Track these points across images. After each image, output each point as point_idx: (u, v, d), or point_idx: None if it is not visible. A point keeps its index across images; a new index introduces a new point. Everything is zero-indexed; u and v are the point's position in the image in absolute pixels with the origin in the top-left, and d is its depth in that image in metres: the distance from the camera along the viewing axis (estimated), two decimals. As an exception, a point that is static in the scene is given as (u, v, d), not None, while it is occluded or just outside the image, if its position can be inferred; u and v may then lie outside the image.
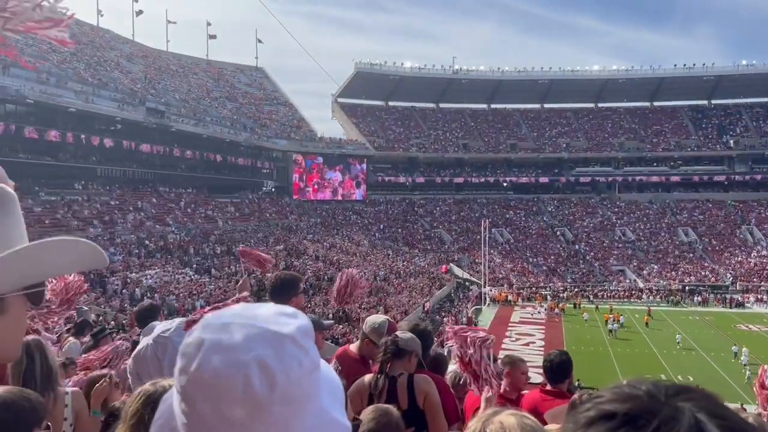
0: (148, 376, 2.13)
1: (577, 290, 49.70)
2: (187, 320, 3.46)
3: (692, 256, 58.23)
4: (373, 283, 36.07)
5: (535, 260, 58.09)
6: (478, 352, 2.67)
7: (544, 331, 34.77)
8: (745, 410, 4.94)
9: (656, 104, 79.01)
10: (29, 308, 1.01)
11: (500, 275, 52.92)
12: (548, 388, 3.78)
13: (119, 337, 5.76)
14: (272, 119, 66.24)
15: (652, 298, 48.88)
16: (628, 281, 54.09)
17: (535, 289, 50.23)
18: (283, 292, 3.64)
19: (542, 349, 27.15)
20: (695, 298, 48.11)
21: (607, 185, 70.55)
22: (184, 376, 0.69)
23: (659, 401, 0.55)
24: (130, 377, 3.70)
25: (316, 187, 64.53)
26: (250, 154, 58.18)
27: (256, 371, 0.66)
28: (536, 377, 5.45)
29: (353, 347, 3.86)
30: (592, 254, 59.50)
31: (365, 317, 4.04)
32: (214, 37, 73.02)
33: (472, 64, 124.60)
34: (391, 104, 79.47)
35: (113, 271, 27.28)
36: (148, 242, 34.16)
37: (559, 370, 3.79)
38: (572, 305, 44.38)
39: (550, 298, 46.31)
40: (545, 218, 66.59)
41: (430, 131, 75.57)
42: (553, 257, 59.04)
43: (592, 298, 47.78)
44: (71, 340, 6.01)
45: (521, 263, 56.93)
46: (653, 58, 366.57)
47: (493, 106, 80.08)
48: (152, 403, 1.48)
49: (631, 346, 32.65)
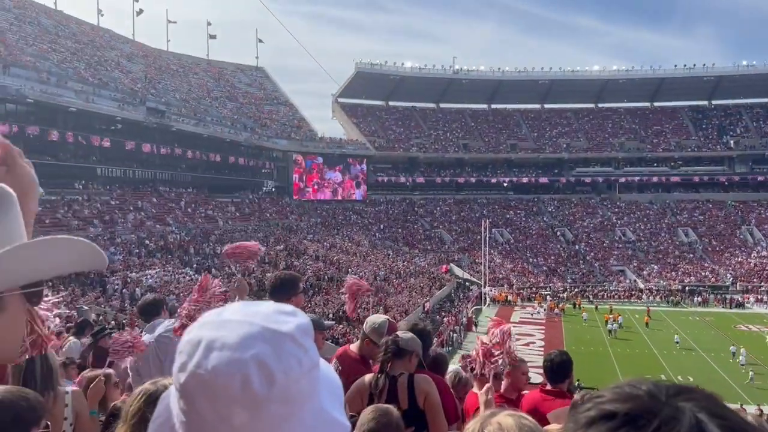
0: (148, 375, 2.13)
1: (577, 290, 49.64)
2: (175, 327, 3.46)
3: (692, 256, 58.22)
4: (373, 283, 36.05)
5: (535, 260, 58.08)
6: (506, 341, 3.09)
7: (544, 331, 34.76)
8: (744, 410, 4.94)
9: (656, 104, 79.00)
10: (28, 308, 1.01)
11: (500, 275, 52.93)
12: (548, 388, 3.78)
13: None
14: (272, 119, 66.21)
15: (652, 298, 48.86)
16: (628, 281, 54.08)
17: (535, 289, 50.20)
18: (282, 291, 3.65)
19: (542, 349, 27.12)
20: (695, 298, 48.06)
21: (607, 185, 70.51)
22: (182, 374, 0.68)
23: (660, 401, 0.55)
24: (130, 373, 3.70)
25: (315, 187, 64.51)
26: (250, 154, 58.16)
27: (254, 370, 0.65)
28: (536, 377, 5.44)
29: (353, 347, 3.87)
30: (592, 254, 59.49)
31: (365, 317, 4.05)
32: (214, 36, 73.14)
33: (472, 64, 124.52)
34: (391, 104, 79.44)
35: (113, 270, 27.30)
36: (148, 242, 34.16)
37: (559, 370, 3.79)
38: (572, 305, 44.38)
39: (549, 298, 46.26)
40: (545, 218, 66.57)
41: (430, 131, 75.54)
42: (553, 257, 59.02)
43: (592, 298, 47.74)
44: (71, 340, 6.02)
45: (521, 263, 56.92)
46: (653, 58, 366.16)
47: (493, 106, 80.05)
48: (153, 402, 1.48)
49: (631, 346, 32.66)
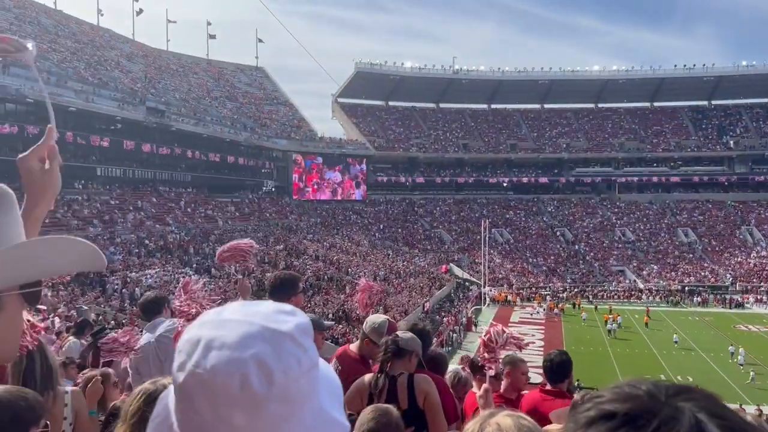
0: (148, 374, 2.13)
1: (576, 290, 49.65)
2: (174, 335, 3.44)
3: (692, 256, 58.22)
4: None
5: (534, 260, 58.08)
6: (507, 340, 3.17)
7: (543, 331, 34.77)
8: (744, 410, 4.94)
9: (656, 105, 78.99)
10: (26, 308, 1.01)
11: (500, 275, 52.93)
12: (548, 388, 3.78)
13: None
14: (272, 119, 66.19)
15: (651, 298, 48.86)
16: (627, 281, 54.08)
17: (534, 289, 50.21)
18: (282, 291, 3.65)
19: (542, 349, 27.09)
20: (695, 298, 48.06)
21: (607, 185, 70.49)
22: (181, 373, 0.67)
23: (659, 401, 0.55)
24: (130, 371, 3.70)
25: (315, 187, 64.48)
26: (250, 153, 58.15)
27: (254, 369, 0.65)
28: (536, 377, 5.44)
29: (353, 347, 3.86)
30: (591, 254, 59.49)
31: (365, 317, 4.04)
32: (214, 36, 73.17)
33: (472, 64, 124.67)
34: (391, 104, 79.43)
35: (113, 270, 27.27)
36: (148, 242, 34.15)
37: (559, 370, 3.79)
38: (572, 305, 44.38)
39: (549, 298, 46.25)
40: (545, 218, 66.57)
41: (430, 131, 75.53)
42: (552, 257, 59.02)
43: (591, 298, 47.74)
44: (71, 339, 6.02)
45: (521, 263, 56.92)
46: (653, 58, 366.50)
47: (493, 106, 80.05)
48: (153, 401, 1.48)
49: (630, 346, 32.67)
